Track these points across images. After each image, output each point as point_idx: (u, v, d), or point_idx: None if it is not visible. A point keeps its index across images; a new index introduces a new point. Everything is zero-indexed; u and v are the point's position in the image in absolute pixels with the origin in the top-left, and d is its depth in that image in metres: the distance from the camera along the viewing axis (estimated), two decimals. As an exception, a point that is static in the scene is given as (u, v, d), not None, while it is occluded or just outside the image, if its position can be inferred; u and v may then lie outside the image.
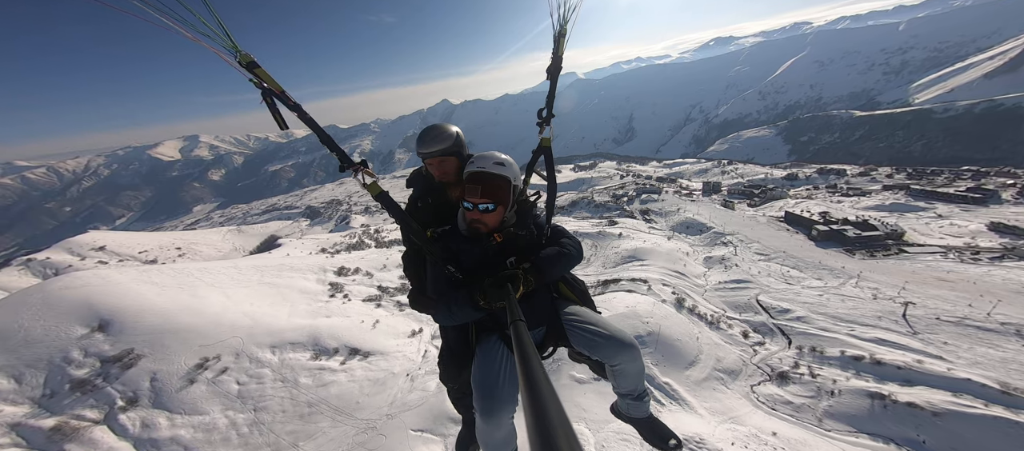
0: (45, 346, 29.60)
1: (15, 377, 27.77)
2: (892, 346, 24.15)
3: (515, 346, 1.10)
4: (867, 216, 49.57)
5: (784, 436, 21.29)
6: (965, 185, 58.45)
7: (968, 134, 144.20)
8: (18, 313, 30.82)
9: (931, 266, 34.14)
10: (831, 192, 68.23)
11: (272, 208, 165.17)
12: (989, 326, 23.74)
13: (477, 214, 2.16)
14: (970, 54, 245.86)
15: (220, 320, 33.62)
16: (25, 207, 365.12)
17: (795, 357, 26.59)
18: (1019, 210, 46.66)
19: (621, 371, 2.20)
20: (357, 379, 30.16)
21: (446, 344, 2.51)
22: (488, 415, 1.96)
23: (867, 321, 27.21)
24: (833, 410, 21.94)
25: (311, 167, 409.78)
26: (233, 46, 1.79)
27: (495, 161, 2.22)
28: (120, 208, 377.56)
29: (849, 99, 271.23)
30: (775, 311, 32.27)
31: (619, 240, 53.83)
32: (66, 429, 23.93)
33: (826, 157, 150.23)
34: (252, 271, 43.85)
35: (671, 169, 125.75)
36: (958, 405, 18.84)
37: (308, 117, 2.03)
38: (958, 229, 43.34)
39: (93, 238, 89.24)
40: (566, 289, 2.55)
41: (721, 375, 26.55)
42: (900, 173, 76.02)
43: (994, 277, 29.92)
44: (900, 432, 19.39)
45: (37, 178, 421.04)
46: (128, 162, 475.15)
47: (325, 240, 79.81)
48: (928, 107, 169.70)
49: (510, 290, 1.85)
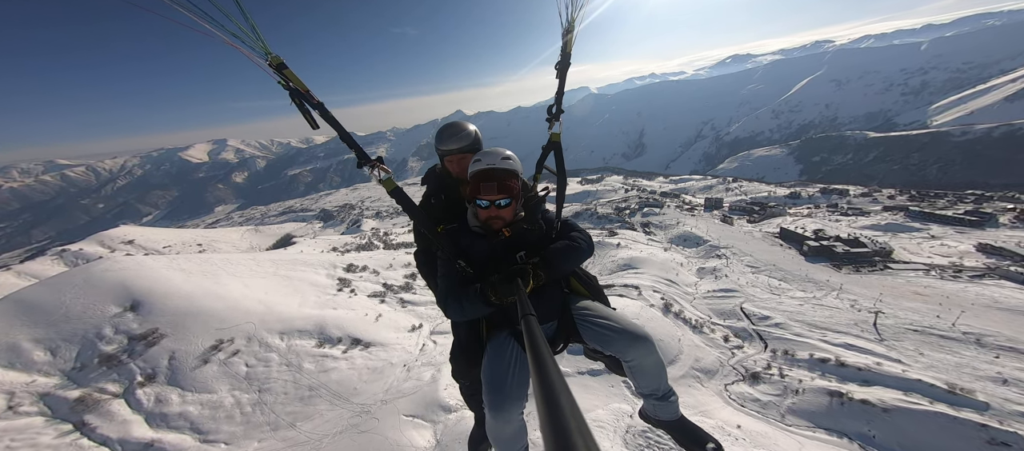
0: (82, 322, 32.85)
1: (51, 350, 31.05)
2: (858, 350, 25.35)
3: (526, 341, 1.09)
4: (860, 234, 50.30)
5: (747, 429, 22.66)
6: (965, 208, 58.43)
7: (986, 158, 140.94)
8: (62, 291, 34.41)
9: (911, 281, 35.03)
10: (831, 211, 68.67)
11: (289, 210, 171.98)
12: (951, 335, 24.77)
13: (494, 211, 2.18)
14: (993, 76, 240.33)
15: (237, 306, 36.46)
16: (62, 202, 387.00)
17: (769, 359, 27.93)
18: (1013, 233, 46.73)
19: (637, 367, 2.14)
20: (357, 367, 32.39)
21: (457, 340, 2.50)
22: (497, 410, 1.96)
23: (839, 328, 28.42)
24: (796, 407, 23.25)
25: (328, 172, 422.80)
26: (265, 49, 1.90)
27: (502, 156, 2.27)
28: (148, 206, 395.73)
29: (865, 120, 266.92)
30: (756, 318, 33.58)
31: (617, 250, 55.58)
32: (88, 401, 26.72)
33: (838, 178, 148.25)
34: (269, 264, 47.28)
35: (676, 185, 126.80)
36: (906, 402, 20.06)
37: (330, 115, 2.11)
38: (948, 249, 43.91)
39: (123, 232, 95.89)
40: (578, 284, 2.54)
41: (698, 374, 28.02)
42: (903, 195, 75.86)
43: (969, 293, 30.73)
44: (853, 427, 20.67)
45: (76, 176, 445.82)
46: (160, 163, 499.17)
47: (337, 240, 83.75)
48: (946, 130, 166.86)
49: (520, 285, 1.86)
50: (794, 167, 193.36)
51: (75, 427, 24.86)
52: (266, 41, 1.89)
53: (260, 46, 1.88)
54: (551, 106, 2.63)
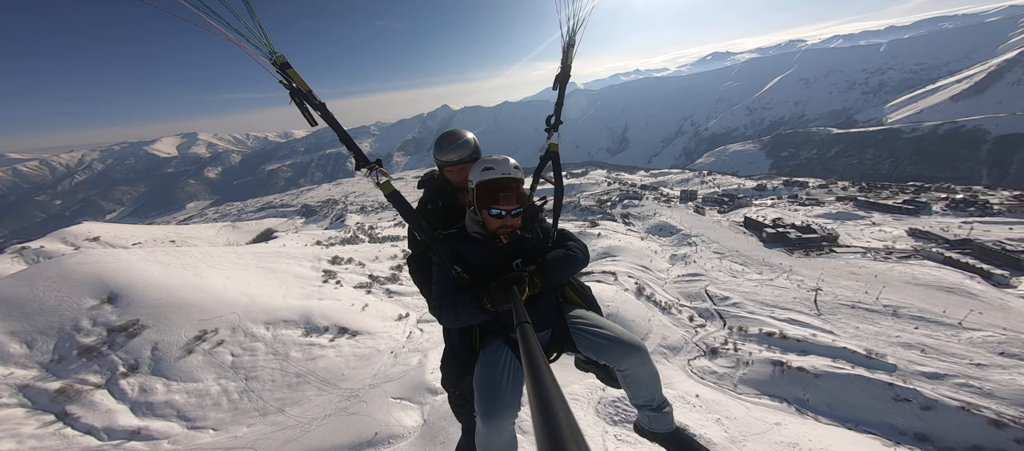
0: (57, 315, 32.44)
1: (27, 342, 30.66)
2: (799, 324, 28.64)
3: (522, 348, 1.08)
4: (812, 222, 54.99)
5: (704, 398, 25.35)
6: (904, 198, 64.64)
7: (932, 153, 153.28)
8: (34, 284, 33.72)
9: (850, 263, 39.25)
10: (792, 202, 74.00)
11: (268, 206, 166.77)
12: (874, 308, 28.45)
13: (508, 220, 2.18)
14: (942, 77, 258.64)
15: (220, 298, 36.57)
16: (15, 199, 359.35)
17: (726, 336, 30.93)
18: (943, 220, 52.39)
19: (631, 376, 2.11)
20: (344, 354, 33.26)
21: (450, 347, 2.47)
22: (489, 418, 1.91)
23: (786, 305, 31.80)
24: (746, 377, 26.15)
25: (309, 167, 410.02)
26: (270, 48, 1.91)
27: (512, 165, 2.26)
28: (112, 203, 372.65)
29: (829, 117, 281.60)
30: (718, 299, 36.73)
31: (597, 240, 58.19)
32: (70, 392, 26.88)
33: (804, 172, 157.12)
34: (251, 256, 47.13)
35: (656, 178, 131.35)
36: (833, 368, 23.20)
37: (331, 116, 2.12)
38: (884, 234, 48.95)
39: (87, 229, 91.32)
40: (572, 293, 2.54)
41: (665, 350, 30.64)
42: (854, 187, 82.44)
43: (894, 272, 35.01)
44: (791, 392, 23.66)
45: (29, 171, 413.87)
46: (123, 157, 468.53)
47: (321, 235, 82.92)
48: (897, 126, 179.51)
49: (516, 292, 1.84)
50: (765, 161, 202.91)
51: (58, 417, 24.91)
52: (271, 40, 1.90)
53: (266, 45, 1.91)
54: (549, 116, 2.68)
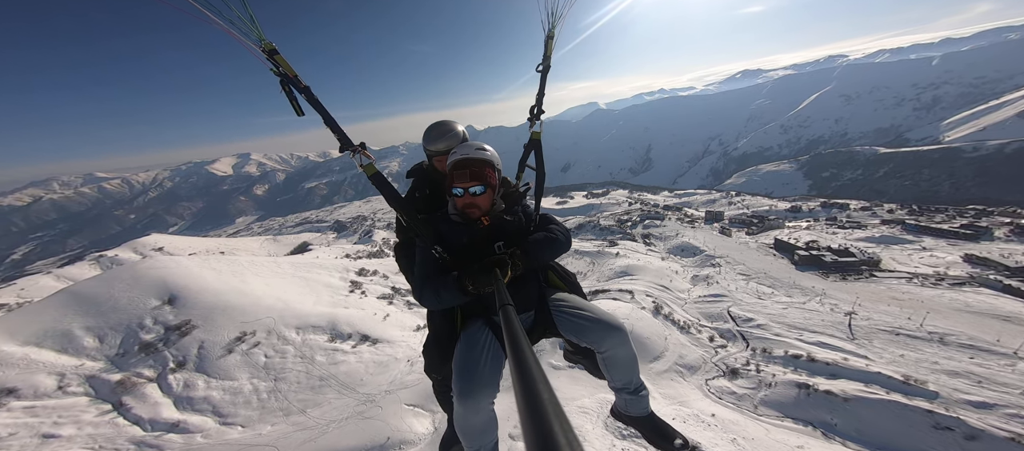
0: (127, 313, 36.71)
1: (99, 337, 34.82)
2: (830, 348, 26.93)
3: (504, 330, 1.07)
4: (851, 245, 51.42)
5: (721, 417, 24.43)
6: (962, 222, 58.88)
7: (998, 174, 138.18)
8: (112, 285, 38.55)
9: (892, 288, 36.23)
10: (830, 224, 69.45)
11: (305, 221, 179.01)
12: (918, 334, 26.16)
13: (469, 198, 2.21)
14: (1007, 91, 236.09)
15: (259, 302, 39.91)
16: (97, 213, 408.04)
17: (748, 357, 29.62)
18: (1006, 247, 47.26)
19: (611, 357, 2.15)
20: (364, 361, 35.09)
21: (433, 332, 2.49)
22: (466, 397, 1.90)
23: (816, 329, 30.00)
24: (768, 399, 24.92)
25: (342, 185, 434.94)
26: (259, 35, 1.98)
27: (477, 147, 2.32)
28: (175, 217, 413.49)
29: (875, 135, 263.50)
30: (741, 320, 35.26)
31: (616, 259, 57.71)
32: (127, 383, 30.15)
33: (848, 193, 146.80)
34: (289, 266, 51.10)
35: (680, 198, 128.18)
36: (866, 393, 21.67)
37: (316, 100, 2.16)
38: (936, 260, 44.78)
39: (153, 240, 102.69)
40: (555, 277, 2.57)
41: (681, 369, 29.85)
42: (903, 209, 76.13)
43: (944, 298, 31.92)
44: (817, 416, 22.31)
45: (112, 188, 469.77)
46: (188, 176, 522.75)
47: (350, 249, 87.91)
48: (957, 145, 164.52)
49: (498, 274, 1.84)
50: (803, 182, 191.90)
51: (114, 407, 27.90)
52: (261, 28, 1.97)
53: (255, 32, 1.97)
54: (533, 106, 2.75)
